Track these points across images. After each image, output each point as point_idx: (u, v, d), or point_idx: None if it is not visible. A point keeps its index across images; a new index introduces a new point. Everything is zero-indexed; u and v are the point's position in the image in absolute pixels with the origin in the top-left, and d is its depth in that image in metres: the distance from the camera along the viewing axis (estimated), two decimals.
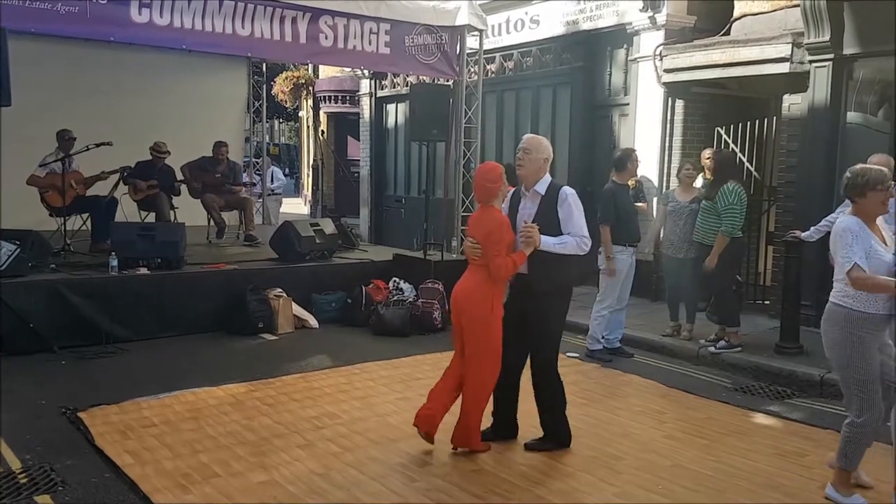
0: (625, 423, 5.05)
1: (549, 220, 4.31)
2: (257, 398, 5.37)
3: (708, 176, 7.15)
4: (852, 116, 7.34)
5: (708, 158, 7.38)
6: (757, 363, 6.37)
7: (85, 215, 8.61)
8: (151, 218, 9.02)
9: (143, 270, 7.16)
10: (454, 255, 8.91)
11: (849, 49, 7.15)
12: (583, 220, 4.35)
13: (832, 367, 3.99)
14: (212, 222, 9.65)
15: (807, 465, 4.37)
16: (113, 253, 7.09)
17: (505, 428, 4.63)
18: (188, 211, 9.51)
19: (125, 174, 8.70)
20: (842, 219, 3.85)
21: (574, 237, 4.29)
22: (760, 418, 5.30)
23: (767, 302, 8.09)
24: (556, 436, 4.53)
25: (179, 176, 9.33)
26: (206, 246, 9.35)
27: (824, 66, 7.33)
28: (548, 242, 4.24)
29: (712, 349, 6.65)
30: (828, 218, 6.34)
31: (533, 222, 4.29)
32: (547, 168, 4.45)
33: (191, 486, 3.90)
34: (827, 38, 7.16)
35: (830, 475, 4.07)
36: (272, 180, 13.21)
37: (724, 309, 6.78)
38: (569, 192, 4.37)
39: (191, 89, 11.13)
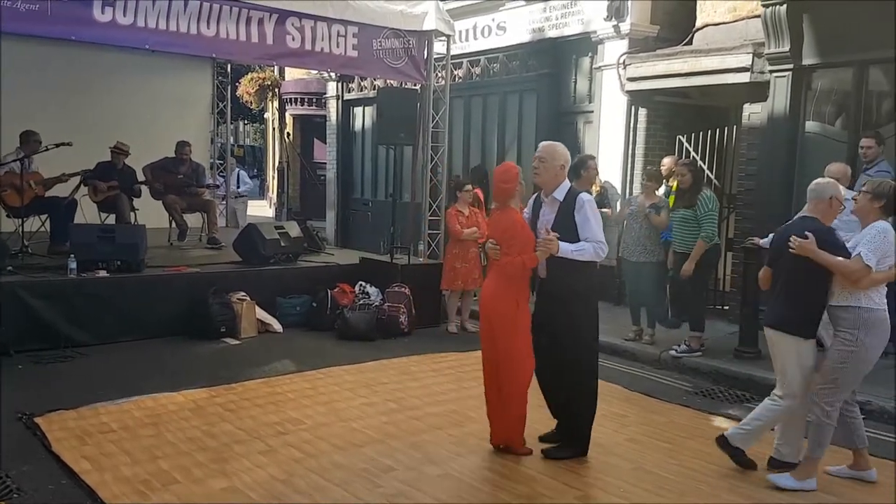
0: None
1: (566, 227, 4.36)
2: (219, 404, 5.30)
3: (672, 185, 7.25)
4: (810, 126, 7.52)
5: (677, 165, 7.49)
6: (717, 367, 6.47)
7: (43, 216, 8.42)
8: (112, 220, 8.86)
9: (103, 273, 7.03)
10: (421, 259, 8.91)
11: (808, 59, 7.32)
12: (599, 226, 4.40)
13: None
14: (173, 224, 9.51)
15: (766, 469, 4.44)
16: (72, 255, 6.94)
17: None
18: (149, 213, 9.35)
19: (88, 177, 8.54)
20: (879, 224, 4.08)
21: (591, 243, 4.33)
22: (720, 422, 5.38)
23: (727, 307, 8.22)
24: (578, 444, 4.55)
25: (141, 177, 9.19)
26: (167, 248, 9.22)
27: (784, 76, 7.50)
28: (566, 249, 4.29)
29: (673, 352, 6.75)
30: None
31: (552, 229, 4.37)
32: (564, 174, 4.48)
33: (150, 492, 3.83)
34: (787, 48, 7.32)
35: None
36: (238, 183, 13.07)
37: (693, 313, 6.88)
38: (586, 199, 4.40)
39: (154, 90, 10.97)
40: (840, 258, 4.01)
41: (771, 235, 6.45)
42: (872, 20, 6.74)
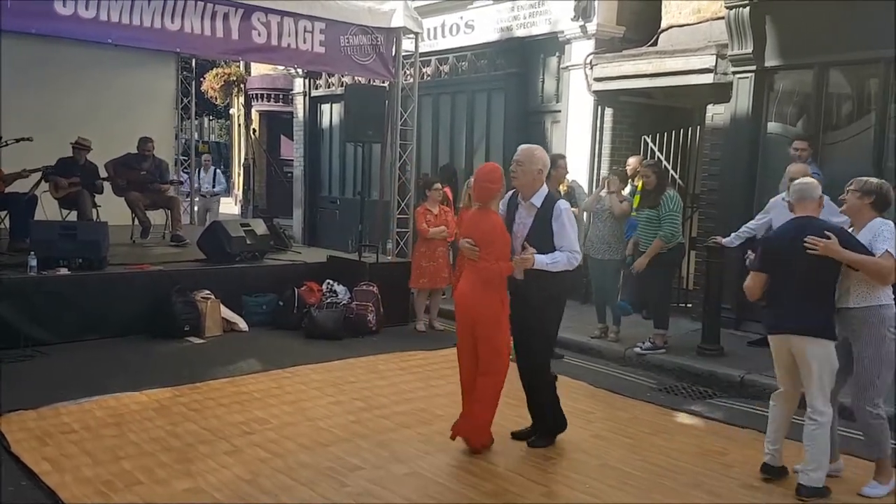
0: None
1: (543, 234, 4.40)
2: (183, 403, 5.24)
3: (637, 184, 7.33)
4: (772, 127, 7.66)
5: (641, 166, 7.59)
6: (680, 364, 6.57)
7: (3, 213, 8.26)
8: (73, 216, 8.72)
9: (64, 271, 6.90)
10: (389, 258, 8.90)
11: (770, 61, 7.45)
12: (575, 234, 4.46)
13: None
14: (136, 221, 9.38)
15: (727, 464, 4.53)
16: (32, 252, 6.80)
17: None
18: (112, 209, 9.23)
19: (49, 172, 8.38)
20: (879, 220, 4.09)
21: (565, 252, 4.38)
22: (683, 418, 5.48)
23: (690, 305, 8.35)
24: (554, 429, 4.75)
25: (103, 173, 9.04)
26: (129, 246, 9.09)
27: (746, 78, 7.62)
28: (541, 262, 4.33)
29: (638, 349, 6.83)
30: (748, 224, 6.62)
31: (528, 234, 4.42)
32: (542, 179, 4.48)
33: (112, 493, 3.77)
34: (750, 50, 7.45)
35: (753, 473, 4.26)
36: (215, 182, 12.93)
37: (658, 311, 6.98)
38: (563, 208, 4.43)
39: (117, 85, 10.80)
40: (870, 256, 3.92)
41: (733, 235, 6.62)
42: (833, 23, 6.89)
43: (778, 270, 4.15)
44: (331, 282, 8.02)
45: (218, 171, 13.36)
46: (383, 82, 9.49)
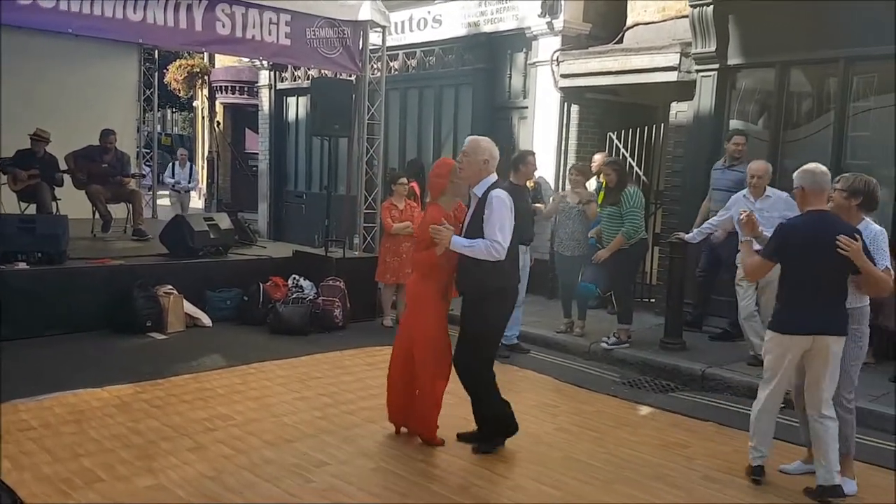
0: (520, 418, 5.12)
1: (479, 223, 4.31)
2: (144, 400, 5.17)
3: (602, 180, 7.41)
4: (734, 124, 7.77)
5: (602, 164, 7.66)
6: (643, 358, 6.65)
7: None
8: (32, 210, 8.54)
9: (22, 265, 6.76)
10: (356, 253, 8.86)
11: (733, 60, 7.57)
12: (502, 224, 4.23)
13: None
14: (97, 215, 9.23)
15: (689, 456, 4.60)
16: None
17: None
18: (72, 203, 9.07)
19: (6, 164, 8.18)
20: (876, 227, 4.08)
21: (485, 240, 4.23)
22: (646, 411, 5.55)
23: (653, 300, 8.46)
24: (496, 433, 4.57)
25: (63, 165, 8.87)
26: (90, 240, 8.94)
27: (710, 76, 7.73)
28: (457, 243, 4.26)
29: (605, 345, 6.91)
30: (710, 221, 6.72)
31: (468, 223, 4.40)
32: (488, 169, 4.37)
33: (72, 491, 3.71)
34: (713, 48, 7.56)
35: (714, 464, 4.35)
36: (190, 178, 12.70)
37: (622, 306, 7.06)
38: (494, 196, 4.29)
39: (78, 76, 10.57)
40: (879, 270, 3.90)
41: (695, 231, 6.72)
42: (794, 23, 7.02)
43: (797, 264, 3.99)
44: (297, 277, 7.96)
45: (193, 166, 13.18)
46: (350, 76, 9.44)
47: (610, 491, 4.05)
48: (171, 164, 13.01)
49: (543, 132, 9.40)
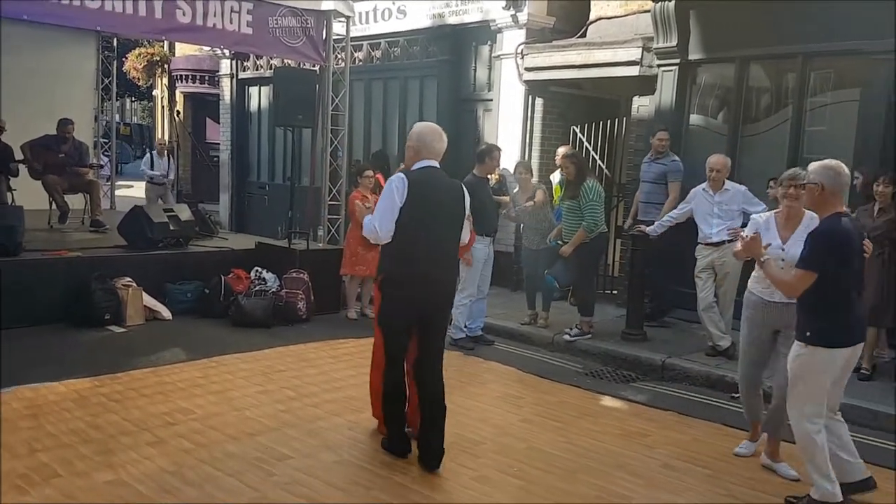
0: (484, 409, 5.21)
1: None
2: (103, 394, 5.08)
3: (566, 175, 7.47)
4: (695, 119, 7.90)
5: (562, 157, 7.73)
6: (605, 349, 6.74)
7: None
8: None
9: None
10: (320, 245, 8.80)
11: (693, 55, 7.67)
12: (382, 206, 4.03)
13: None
14: (54, 206, 9.02)
15: (649, 445, 4.68)
16: None
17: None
18: (28, 193, 8.88)
19: None
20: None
21: (369, 217, 4.15)
22: (608, 401, 5.63)
23: (615, 292, 8.56)
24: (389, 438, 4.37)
25: (19, 155, 8.66)
26: (47, 231, 8.73)
27: (671, 70, 7.83)
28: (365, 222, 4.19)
29: (567, 336, 6.97)
30: (670, 214, 6.83)
31: None
32: (415, 155, 4.18)
33: (29, 487, 3.64)
34: (674, 43, 7.65)
35: (673, 453, 4.43)
36: (169, 169, 12.33)
37: (584, 298, 7.12)
38: (392, 180, 4.11)
39: (33, 64, 10.30)
40: None
41: (656, 224, 6.81)
42: (754, 18, 7.14)
43: (848, 272, 3.72)
44: (259, 269, 7.88)
45: (171, 156, 12.79)
46: (314, 66, 9.35)
47: (572, 480, 4.10)
48: (149, 155, 12.54)
49: (508, 125, 9.43)
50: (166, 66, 17.27)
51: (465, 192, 4.30)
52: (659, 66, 7.90)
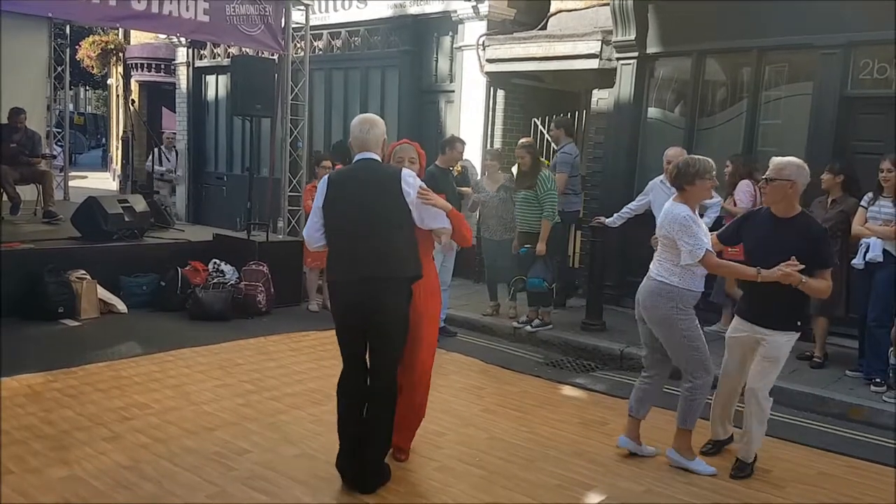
0: (447, 400, 5.22)
1: None
2: (57, 389, 4.97)
3: (521, 165, 7.50)
4: (652, 112, 8.00)
5: (517, 147, 7.77)
6: (566, 339, 6.81)
7: None
8: None
9: None
10: (280, 236, 8.71)
11: (651, 48, 7.76)
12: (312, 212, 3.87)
13: (661, 337, 4.22)
14: (5, 197, 8.77)
15: (608, 433, 4.74)
16: None
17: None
18: None
19: None
20: (676, 207, 4.09)
21: None
22: (568, 390, 5.70)
23: (576, 282, 8.64)
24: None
25: None
26: None
27: (629, 64, 7.91)
28: None
29: (528, 328, 7.01)
30: (629, 205, 6.92)
31: None
32: (356, 150, 3.88)
33: None
34: (633, 37, 7.73)
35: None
36: (176, 167, 11.75)
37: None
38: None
39: None
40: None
41: (615, 215, 6.90)
42: (711, 12, 7.25)
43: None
44: (217, 261, 7.77)
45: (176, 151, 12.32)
46: (272, 54, 9.23)
47: (532, 468, 4.14)
48: (155, 150, 11.56)
49: (470, 116, 9.44)
50: (121, 54, 16.90)
51: (405, 180, 3.77)
52: (618, 59, 7.98)
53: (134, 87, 17.00)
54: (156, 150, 11.58)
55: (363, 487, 3.75)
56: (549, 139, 8.99)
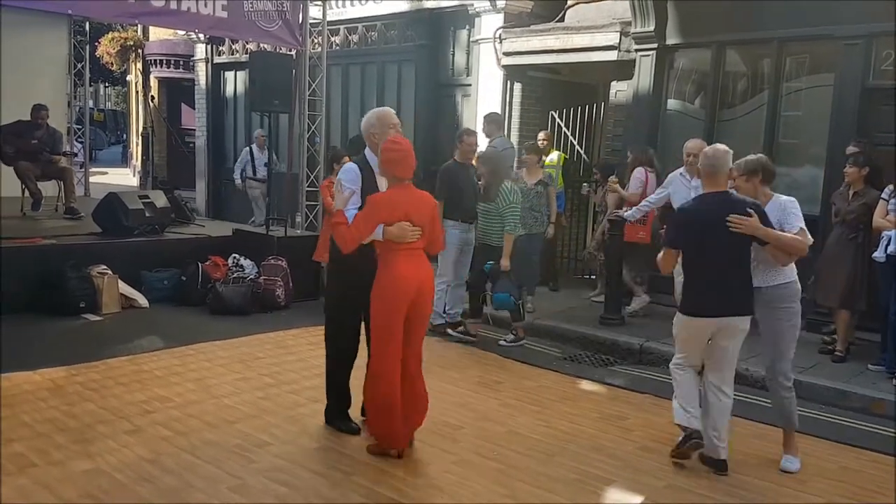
0: (464, 394, 5.23)
1: None
2: (79, 383, 5.03)
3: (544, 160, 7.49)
4: (672, 103, 7.93)
5: (542, 141, 7.75)
6: (584, 333, 6.78)
7: None
8: None
9: None
10: (298, 231, 8.75)
11: (671, 40, 7.69)
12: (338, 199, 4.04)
13: (783, 339, 4.12)
14: (27, 193, 8.88)
15: (627, 428, 4.73)
16: None
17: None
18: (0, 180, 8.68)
19: None
20: (779, 198, 4.14)
21: None
22: (586, 385, 5.67)
23: (593, 276, 8.60)
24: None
25: None
26: (20, 219, 8.60)
27: (648, 55, 7.85)
28: None
29: (503, 342, 6.66)
30: (648, 199, 6.85)
31: None
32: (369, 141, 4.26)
33: (4, 476, 3.59)
34: (652, 28, 7.66)
35: (650, 435, 4.46)
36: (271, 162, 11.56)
37: (519, 305, 6.63)
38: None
39: (3, 48, 10.03)
40: (789, 234, 3.96)
41: (634, 209, 6.82)
42: (730, 3, 7.17)
43: (700, 248, 4.01)
44: (237, 256, 7.83)
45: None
46: (290, 50, 9.26)
47: (551, 463, 4.13)
48: (247, 149, 11.31)
49: (487, 110, 9.33)
50: (140, 50, 17.02)
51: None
52: (637, 50, 7.91)
53: (153, 83, 17.13)
54: (247, 148, 11.31)
55: None
56: (566, 133, 8.95)
